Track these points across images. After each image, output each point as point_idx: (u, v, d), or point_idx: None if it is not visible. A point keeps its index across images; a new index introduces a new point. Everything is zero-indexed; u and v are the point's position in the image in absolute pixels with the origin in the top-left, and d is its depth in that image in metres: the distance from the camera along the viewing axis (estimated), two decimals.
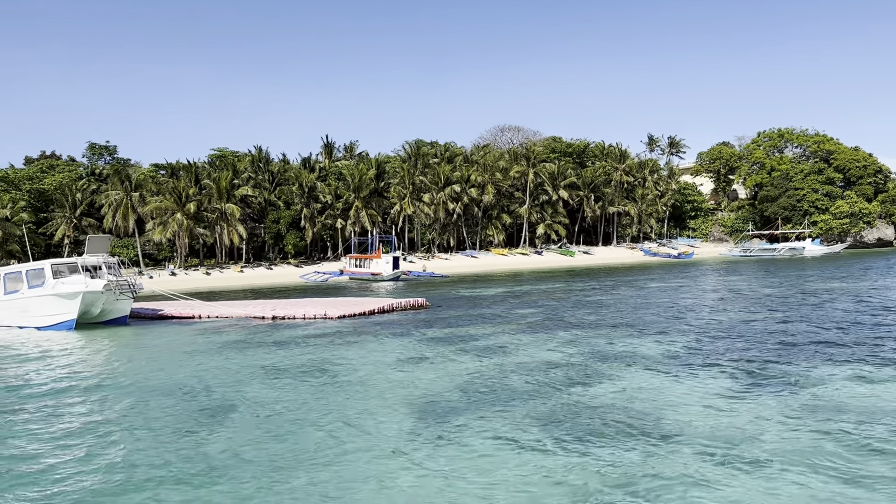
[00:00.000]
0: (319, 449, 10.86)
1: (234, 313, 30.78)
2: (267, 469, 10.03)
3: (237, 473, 9.94)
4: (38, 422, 13.26)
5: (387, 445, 11.06)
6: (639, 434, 11.24)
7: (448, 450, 10.73)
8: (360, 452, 10.70)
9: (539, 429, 11.72)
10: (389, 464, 10.12)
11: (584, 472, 9.67)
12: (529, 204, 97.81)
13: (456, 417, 12.52)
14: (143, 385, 16.07)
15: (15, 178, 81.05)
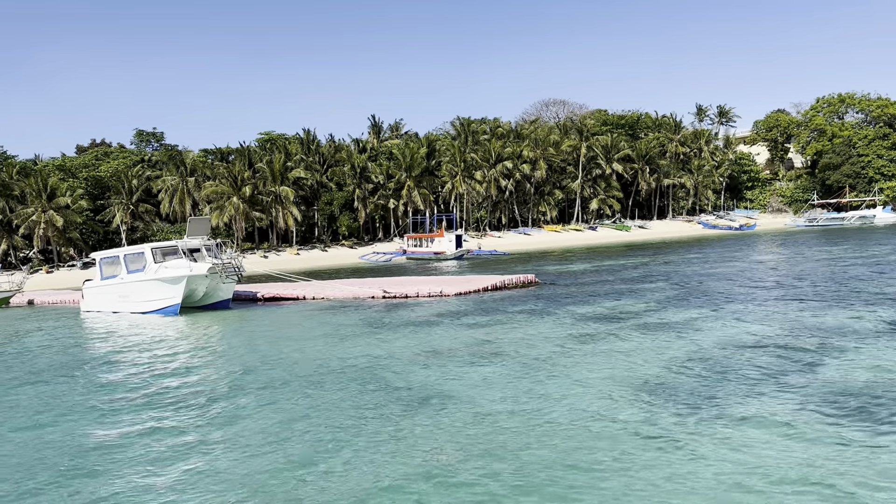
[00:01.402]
0: (576, 444, 9.57)
1: (342, 293, 29.71)
2: (544, 469, 8.77)
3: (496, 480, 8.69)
4: (212, 423, 12.20)
5: (655, 434, 9.74)
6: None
7: (722, 436, 9.41)
8: (629, 444, 9.40)
9: (816, 413, 10.31)
10: (672, 456, 8.82)
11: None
12: (582, 178, 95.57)
13: (705, 401, 11.16)
14: (303, 372, 14.88)
15: (71, 167, 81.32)
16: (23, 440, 11.28)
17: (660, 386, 12.22)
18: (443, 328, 19.82)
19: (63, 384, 15.48)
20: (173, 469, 9.42)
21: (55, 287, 54.74)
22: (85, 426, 11.85)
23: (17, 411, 13.21)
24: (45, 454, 10.44)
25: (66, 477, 9.39)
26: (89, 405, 13.31)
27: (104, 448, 10.53)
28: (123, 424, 11.79)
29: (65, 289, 51.19)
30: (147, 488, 8.80)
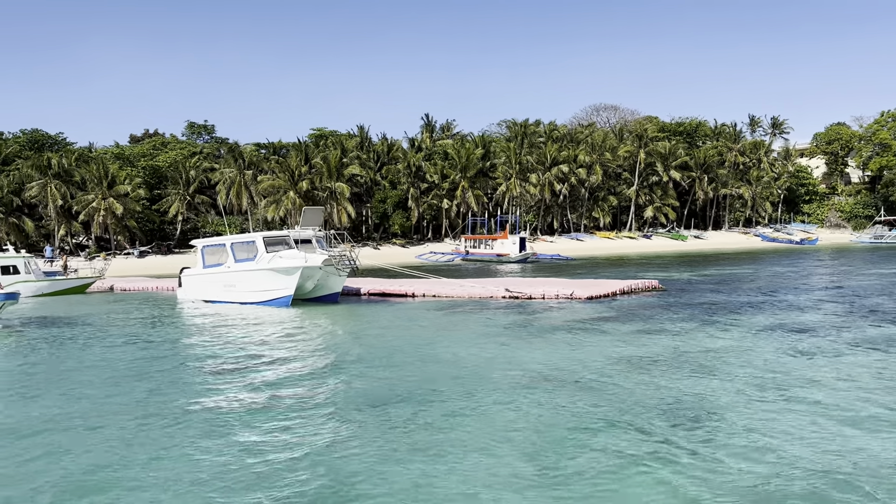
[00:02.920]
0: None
1: (456, 292, 28.43)
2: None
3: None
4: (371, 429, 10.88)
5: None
6: None
7: None
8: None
9: None
10: None
11: None
12: (638, 185, 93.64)
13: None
14: (489, 383, 13.50)
15: (130, 155, 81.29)
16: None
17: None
18: (609, 335, 18.36)
19: (185, 379, 14.36)
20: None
21: (117, 275, 54.34)
22: (224, 432, 10.64)
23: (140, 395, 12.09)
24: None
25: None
26: (229, 410, 12.07)
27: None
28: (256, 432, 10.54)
29: (134, 276, 50.63)
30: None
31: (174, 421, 11.09)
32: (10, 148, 75.55)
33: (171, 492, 8.12)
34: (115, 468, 8.94)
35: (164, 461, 9.17)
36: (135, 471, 8.83)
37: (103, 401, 12.62)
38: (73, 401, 12.70)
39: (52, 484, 8.47)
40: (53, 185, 70.63)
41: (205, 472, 8.73)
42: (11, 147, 75.93)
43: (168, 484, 8.36)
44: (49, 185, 70.65)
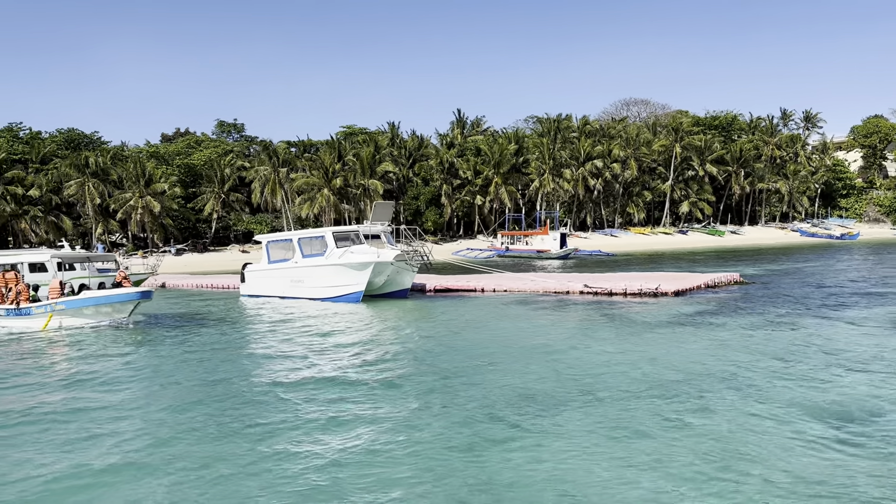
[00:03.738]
0: None
1: (529, 286, 27.69)
2: None
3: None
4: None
5: None
6: None
7: None
8: None
9: None
10: None
11: None
12: (673, 180, 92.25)
13: None
14: (612, 385, 12.78)
15: (165, 154, 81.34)
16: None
17: None
18: (728, 329, 17.48)
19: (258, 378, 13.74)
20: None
21: (162, 272, 54.17)
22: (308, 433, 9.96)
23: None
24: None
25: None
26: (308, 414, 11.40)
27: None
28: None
29: (178, 273, 50.36)
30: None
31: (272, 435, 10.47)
32: (48, 147, 75.79)
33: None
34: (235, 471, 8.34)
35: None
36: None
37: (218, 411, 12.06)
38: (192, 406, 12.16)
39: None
40: (91, 183, 70.78)
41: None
42: (49, 146, 76.18)
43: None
44: (87, 183, 70.80)
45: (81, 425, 10.54)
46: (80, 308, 21.79)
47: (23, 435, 10.14)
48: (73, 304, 21.76)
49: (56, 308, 21.94)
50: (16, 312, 22.38)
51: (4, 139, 74.87)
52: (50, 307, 22.01)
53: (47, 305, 22.01)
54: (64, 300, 21.86)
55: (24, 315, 22.34)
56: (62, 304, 21.82)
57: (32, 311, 22.22)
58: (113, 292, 22.18)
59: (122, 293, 22.06)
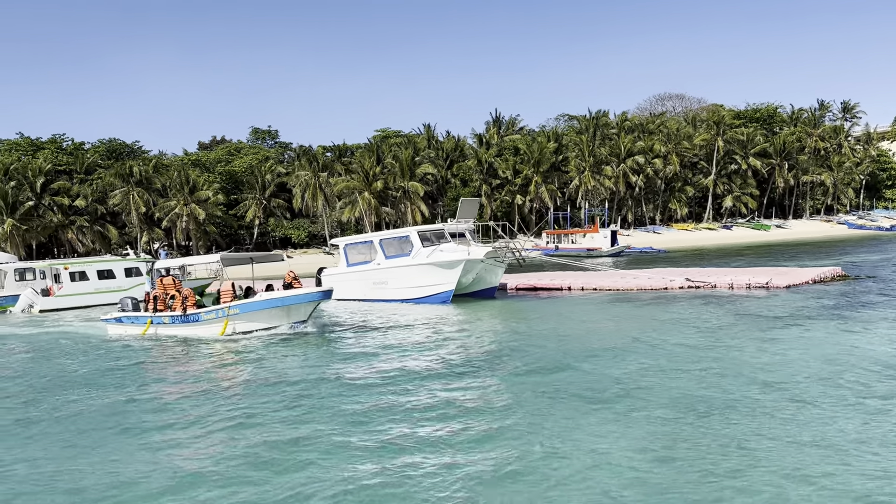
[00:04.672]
0: None
1: (620, 284, 26.78)
2: None
3: None
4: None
5: None
6: None
7: None
8: None
9: None
10: None
11: None
12: (715, 174, 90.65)
13: None
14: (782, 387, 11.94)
15: (206, 161, 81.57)
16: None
17: None
18: (875, 324, 16.56)
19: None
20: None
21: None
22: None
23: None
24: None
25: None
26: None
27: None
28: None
29: (242, 279, 49.83)
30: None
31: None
32: (91, 158, 76.28)
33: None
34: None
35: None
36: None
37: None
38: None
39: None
40: (136, 192, 71.03)
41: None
42: (92, 157, 76.67)
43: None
44: (131, 192, 71.07)
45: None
46: (257, 311, 19.96)
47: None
48: (249, 307, 19.96)
49: (230, 313, 20.18)
50: (183, 319, 20.78)
51: (49, 151, 75.47)
52: (223, 312, 20.26)
53: (220, 310, 20.33)
54: (238, 304, 20.13)
55: (193, 322, 20.70)
56: (236, 307, 20.08)
57: (202, 317, 20.59)
58: (292, 293, 20.11)
59: (304, 293, 20.01)
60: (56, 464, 9.18)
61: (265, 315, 19.93)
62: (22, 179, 68.50)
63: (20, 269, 36.46)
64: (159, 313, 21.24)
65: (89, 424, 11.00)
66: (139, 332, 21.65)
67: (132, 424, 10.79)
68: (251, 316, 19.99)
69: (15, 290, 35.55)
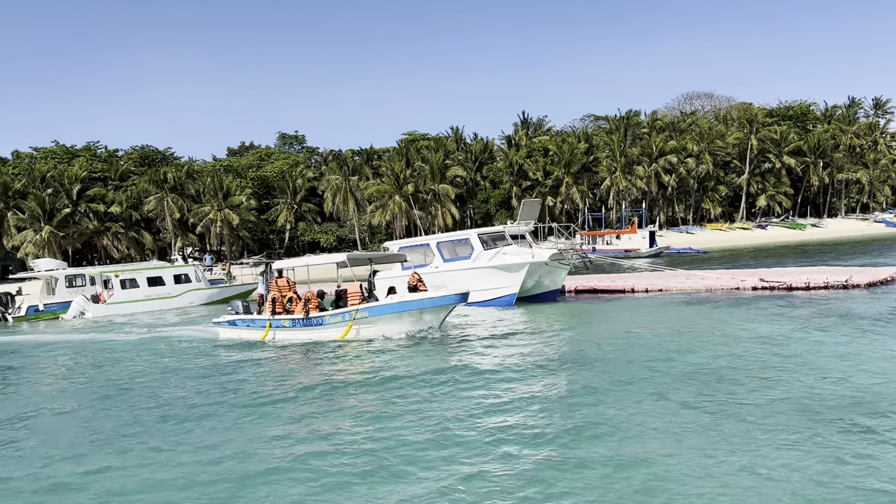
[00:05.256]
0: None
1: (685, 285, 26.15)
2: None
3: None
4: None
5: None
6: None
7: None
8: None
9: None
10: None
11: None
12: (749, 172, 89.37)
13: None
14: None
15: (238, 167, 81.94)
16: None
17: None
18: None
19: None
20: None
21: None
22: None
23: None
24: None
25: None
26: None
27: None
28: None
29: (303, 282, 49.56)
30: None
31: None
32: (125, 164, 76.88)
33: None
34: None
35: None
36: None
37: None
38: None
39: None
40: (170, 198, 71.48)
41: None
42: (125, 164, 77.28)
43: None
44: (166, 198, 71.53)
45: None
46: (388, 315, 18.63)
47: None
48: (380, 310, 18.67)
49: (357, 316, 18.76)
50: (305, 323, 19.56)
51: (84, 158, 76.17)
52: (349, 315, 18.92)
53: (345, 313, 19.02)
54: (368, 306, 18.76)
55: (317, 325, 19.45)
56: (365, 310, 18.67)
57: (327, 321, 19.23)
58: (429, 295, 18.80)
59: (444, 296, 18.62)
60: (193, 463, 9.21)
61: (396, 319, 18.64)
62: (58, 187, 69.17)
63: (70, 275, 36.58)
64: (278, 316, 20.11)
65: (221, 425, 10.98)
66: (255, 336, 20.52)
67: (260, 436, 10.49)
68: (380, 320, 18.73)
69: (65, 296, 35.65)
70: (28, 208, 66.15)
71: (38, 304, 35.01)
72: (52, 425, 12.21)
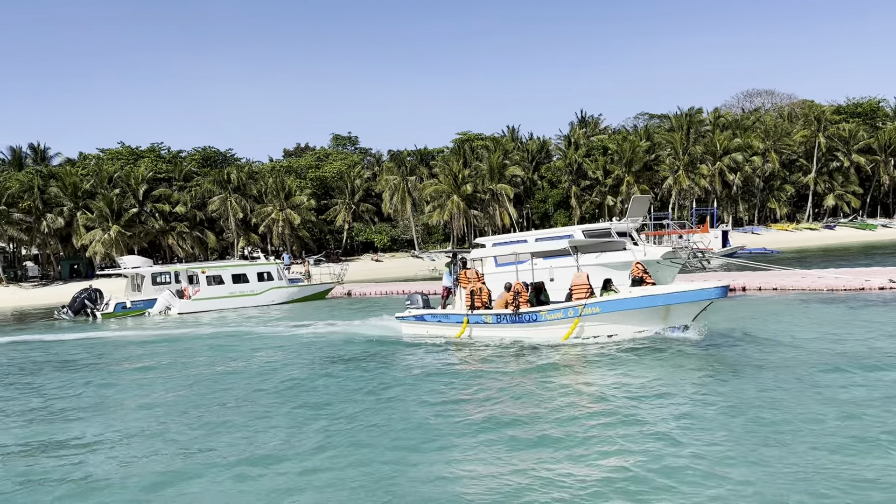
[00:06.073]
0: None
1: (802, 284, 24.91)
2: None
3: None
4: None
5: None
6: None
7: None
8: None
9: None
10: None
11: None
12: (816, 171, 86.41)
13: None
14: None
15: (298, 168, 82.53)
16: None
17: None
18: None
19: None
20: None
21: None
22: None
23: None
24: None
25: None
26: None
27: None
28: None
29: (362, 281, 49.54)
30: None
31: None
32: (188, 165, 78.02)
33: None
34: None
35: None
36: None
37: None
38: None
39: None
40: (233, 198, 72.22)
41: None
42: (189, 164, 78.43)
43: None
44: (229, 198, 72.30)
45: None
46: (626, 311, 16.19)
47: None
48: (617, 305, 16.16)
49: (585, 312, 16.24)
50: (512, 319, 17.43)
51: (149, 159, 77.51)
52: (575, 311, 16.44)
53: (568, 308, 16.64)
54: (600, 301, 16.34)
55: (530, 322, 17.28)
56: (596, 305, 16.26)
57: (543, 317, 17.00)
58: (681, 288, 16.19)
59: (699, 289, 15.79)
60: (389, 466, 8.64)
61: (635, 316, 16.25)
62: (125, 187, 70.43)
63: (156, 272, 36.96)
64: (478, 311, 18.19)
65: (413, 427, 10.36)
66: (449, 332, 18.61)
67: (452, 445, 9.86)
68: (615, 317, 16.31)
69: (151, 293, 36.03)
70: (97, 208, 67.48)
71: (125, 301, 35.43)
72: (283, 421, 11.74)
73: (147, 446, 10.21)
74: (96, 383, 15.84)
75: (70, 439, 10.88)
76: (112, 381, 16.02)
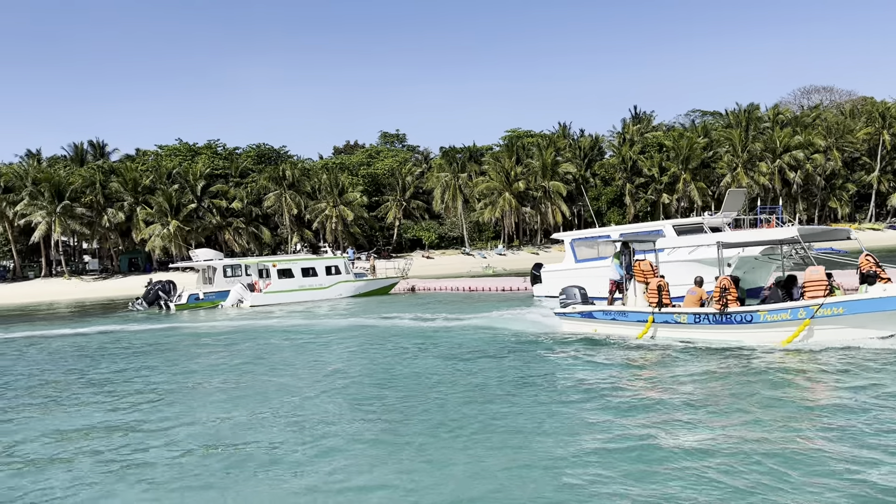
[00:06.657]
0: None
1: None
2: None
3: None
4: None
5: None
6: None
7: None
8: None
9: None
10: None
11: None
12: (880, 170, 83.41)
13: None
14: None
15: (350, 165, 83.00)
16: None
17: None
18: None
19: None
20: None
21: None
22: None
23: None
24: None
25: None
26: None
27: None
28: None
29: (419, 277, 49.36)
30: None
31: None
32: (244, 162, 79.09)
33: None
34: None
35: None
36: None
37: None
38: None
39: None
40: (288, 195, 72.93)
41: None
42: (244, 161, 79.51)
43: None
44: (284, 195, 73.04)
45: None
46: (878, 313, 13.59)
47: None
48: (870, 305, 13.54)
49: (823, 312, 13.69)
50: (717, 319, 15.12)
51: (206, 156, 78.81)
52: (808, 311, 13.86)
53: (801, 308, 14.04)
54: (845, 300, 13.70)
55: (741, 323, 14.82)
56: (839, 305, 13.69)
57: (761, 318, 14.47)
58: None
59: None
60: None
61: (885, 320, 13.64)
62: (184, 183, 71.69)
63: (228, 265, 37.35)
64: (668, 310, 16.17)
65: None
66: (627, 332, 16.74)
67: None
68: (864, 319, 13.66)
69: (223, 286, 36.41)
70: (156, 203, 68.82)
71: (198, 293, 35.87)
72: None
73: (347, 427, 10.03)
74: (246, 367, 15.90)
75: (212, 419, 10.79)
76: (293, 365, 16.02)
